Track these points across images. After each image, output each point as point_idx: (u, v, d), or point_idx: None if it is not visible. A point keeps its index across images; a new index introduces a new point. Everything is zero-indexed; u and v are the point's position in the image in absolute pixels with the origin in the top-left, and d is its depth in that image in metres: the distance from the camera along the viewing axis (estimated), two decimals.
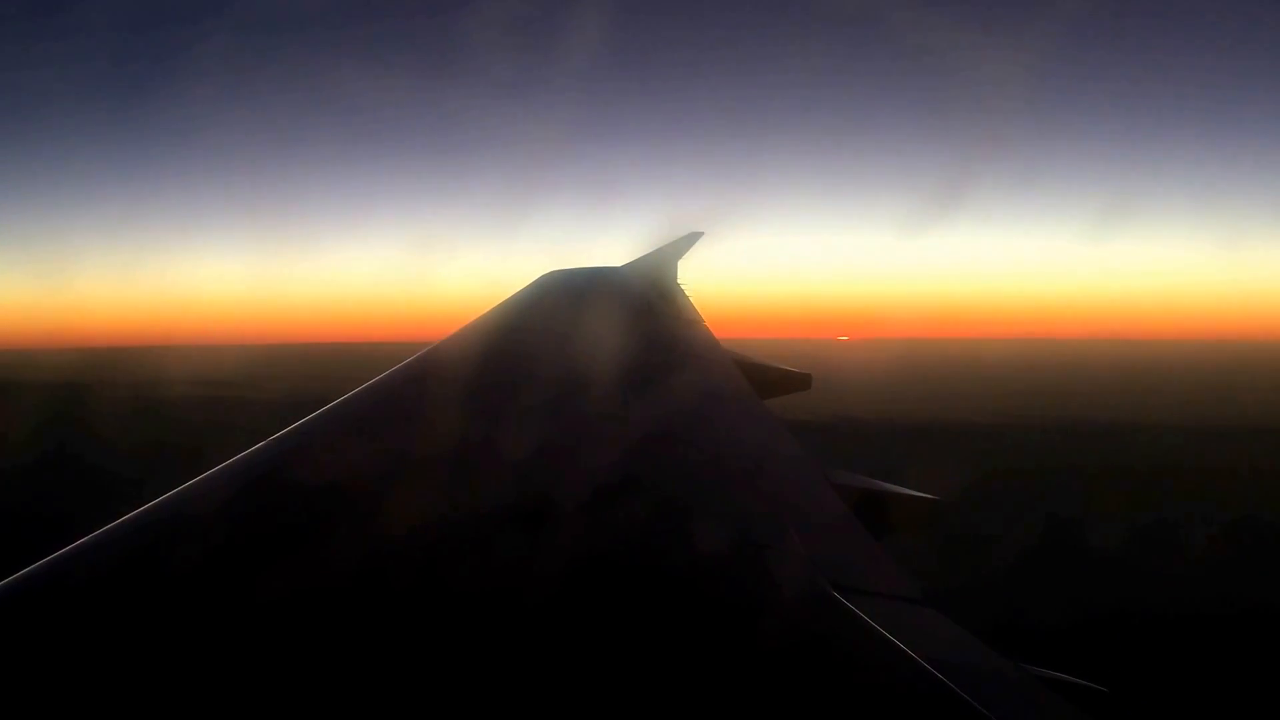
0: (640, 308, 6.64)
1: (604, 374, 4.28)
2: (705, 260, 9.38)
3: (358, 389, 3.72)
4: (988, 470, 35.63)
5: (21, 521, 22.61)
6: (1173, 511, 33.66)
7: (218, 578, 2.12)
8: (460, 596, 2.10)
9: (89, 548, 2.20)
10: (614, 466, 3.01)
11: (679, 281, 8.13)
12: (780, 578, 2.38)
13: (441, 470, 2.81)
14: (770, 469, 3.58)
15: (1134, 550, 28.07)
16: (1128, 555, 27.49)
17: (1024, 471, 39.43)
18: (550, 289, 7.04)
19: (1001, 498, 32.49)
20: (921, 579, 2.67)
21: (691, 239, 9.60)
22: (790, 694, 1.80)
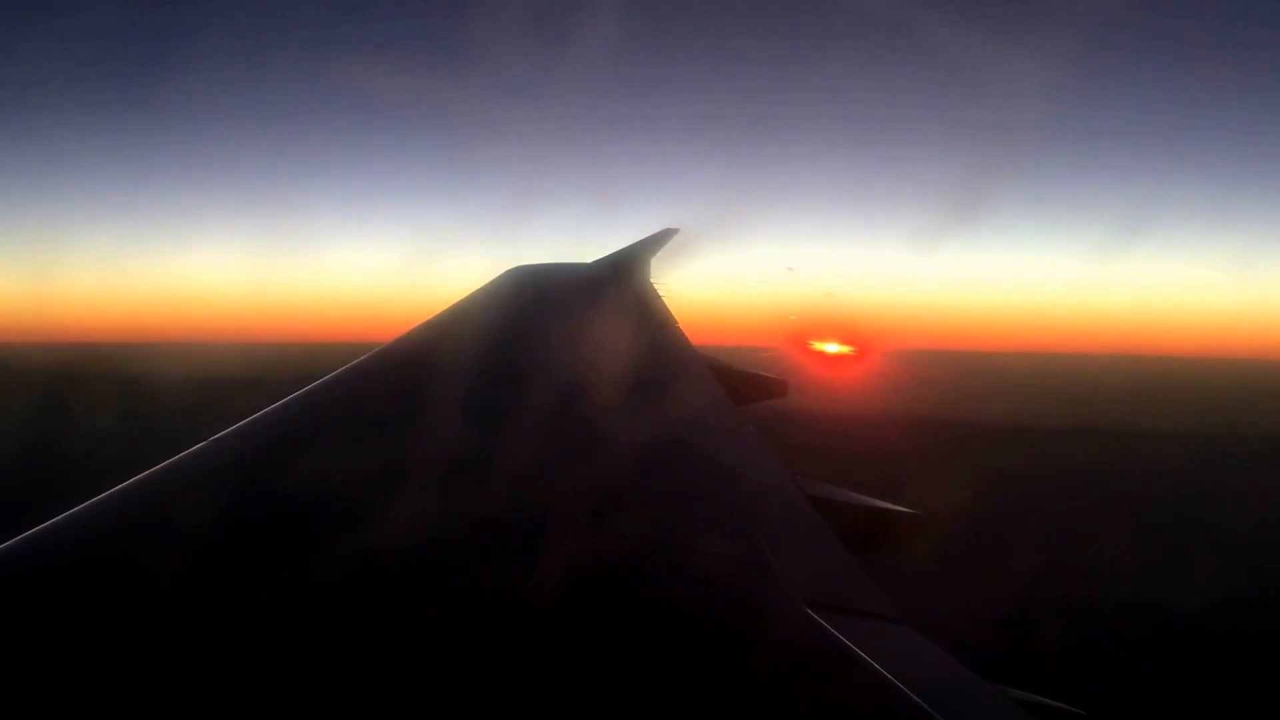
0: (607, 307, 6.49)
1: (565, 377, 4.17)
2: (684, 260, 9.03)
3: (303, 389, 3.59)
4: (974, 483, 35.54)
5: None
6: (1169, 526, 33.78)
7: (151, 576, 2.07)
8: (409, 608, 2.01)
9: (36, 539, 2.16)
10: (576, 475, 2.92)
11: (651, 281, 7.91)
12: (752, 595, 2.31)
13: (388, 474, 2.72)
14: (743, 480, 3.48)
15: (1126, 568, 28.04)
16: (1120, 573, 27.46)
17: (1014, 483, 39.39)
18: (512, 286, 6.88)
19: (988, 512, 32.46)
20: (899, 596, 2.61)
21: (666, 236, 9.35)
22: (763, 714, 1.75)
